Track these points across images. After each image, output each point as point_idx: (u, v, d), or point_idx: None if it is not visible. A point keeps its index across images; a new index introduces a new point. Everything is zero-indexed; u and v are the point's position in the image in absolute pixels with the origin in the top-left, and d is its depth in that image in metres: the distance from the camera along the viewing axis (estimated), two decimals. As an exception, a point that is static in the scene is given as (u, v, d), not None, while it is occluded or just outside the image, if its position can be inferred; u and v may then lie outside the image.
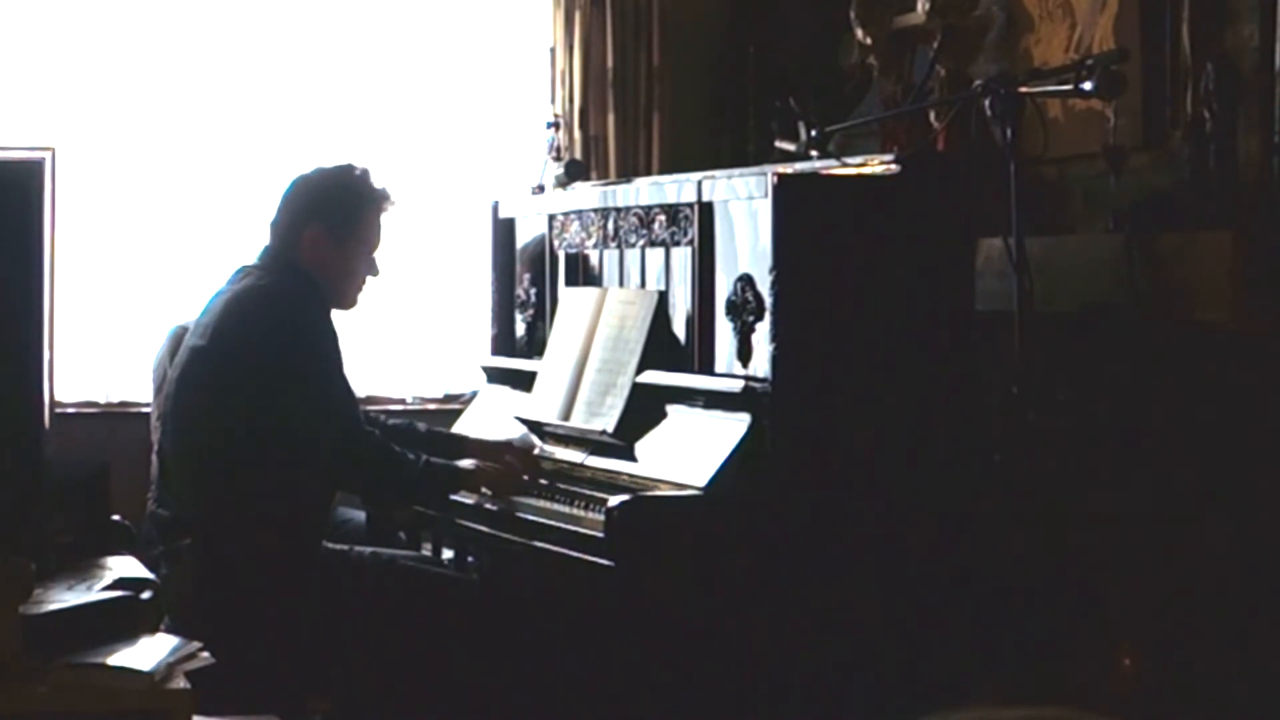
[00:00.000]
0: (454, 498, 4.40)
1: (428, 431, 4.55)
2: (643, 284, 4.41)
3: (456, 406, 5.42)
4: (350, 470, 4.21)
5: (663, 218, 4.31)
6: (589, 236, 4.65)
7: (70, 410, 5.47)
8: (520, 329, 5.05)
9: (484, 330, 5.21)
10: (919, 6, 4.39)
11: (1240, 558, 3.77)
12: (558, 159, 5.41)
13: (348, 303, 4.30)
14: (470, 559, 4.69)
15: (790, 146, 4.38)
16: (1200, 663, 3.78)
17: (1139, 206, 4.08)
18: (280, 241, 4.25)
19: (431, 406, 5.77)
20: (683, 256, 4.24)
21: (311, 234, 4.21)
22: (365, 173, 4.29)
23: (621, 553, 3.79)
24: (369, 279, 4.31)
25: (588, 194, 4.78)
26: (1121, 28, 4.28)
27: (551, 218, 4.85)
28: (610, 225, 4.54)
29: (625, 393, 4.21)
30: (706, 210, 4.16)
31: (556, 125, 5.66)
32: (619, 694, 4.06)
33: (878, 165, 4.01)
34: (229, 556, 4.03)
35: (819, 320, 3.90)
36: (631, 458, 4.14)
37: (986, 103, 3.77)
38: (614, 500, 3.84)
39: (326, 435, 4.11)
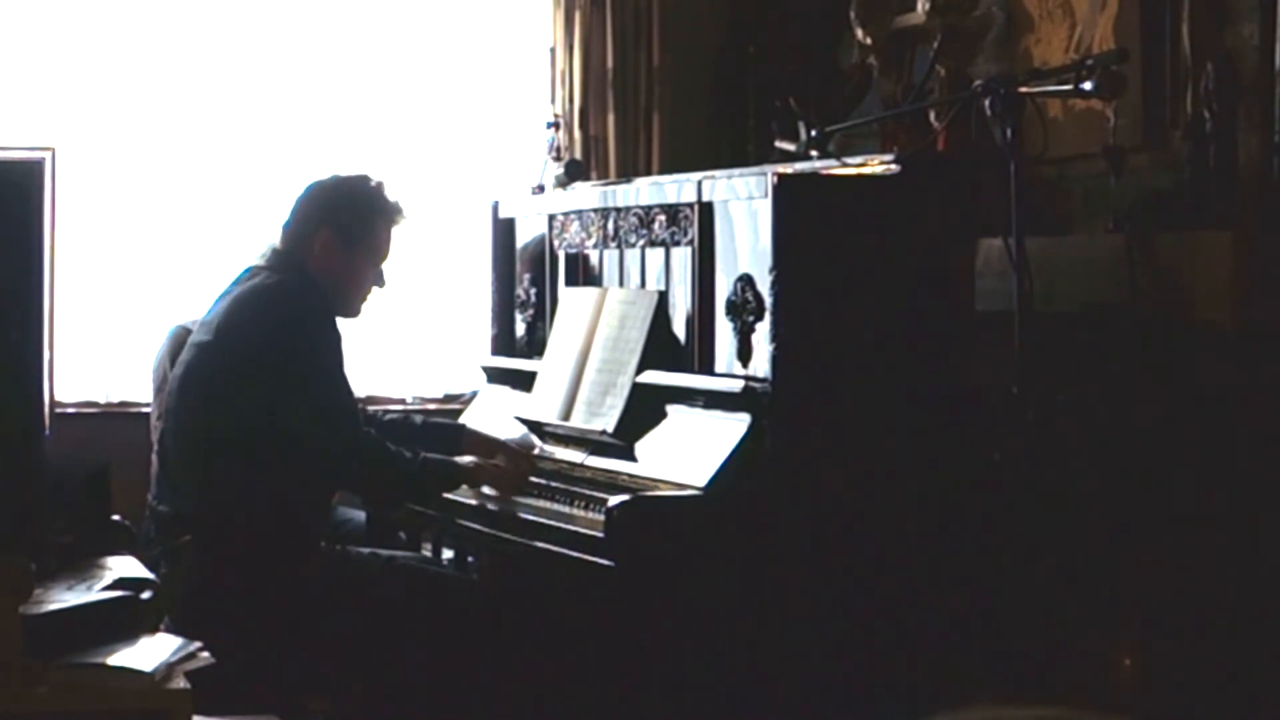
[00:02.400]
0: (454, 498, 4.40)
1: (424, 423, 4.56)
2: (643, 284, 4.41)
3: (456, 406, 5.43)
4: (348, 469, 4.21)
5: (663, 218, 4.31)
6: (589, 236, 4.65)
7: (70, 410, 5.48)
8: (520, 329, 5.06)
9: (484, 330, 5.21)
10: (919, 6, 4.39)
11: (1240, 557, 3.77)
12: (558, 159, 5.41)
13: (352, 311, 4.32)
14: (470, 559, 4.69)
15: (790, 146, 4.38)
16: (1200, 663, 3.78)
17: (1139, 206, 4.08)
18: (290, 243, 4.28)
19: (431, 406, 5.77)
20: (683, 256, 4.24)
21: (322, 238, 4.25)
22: (381, 184, 4.34)
23: (621, 553, 3.79)
24: (376, 290, 4.33)
25: (588, 194, 4.78)
26: (1121, 28, 4.28)
27: (551, 218, 4.85)
28: (610, 225, 4.54)
29: (625, 393, 4.21)
30: (706, 210, 4.16)
31: (556, 125, 5.66)
32: (619, 694, 4.06)
33: (878, 165, 4.01)
34: (228, 554, 4.04)
35: (819, 320, 3.90)
36: (631, 458, 4.14)
37: (986, 103, 3.77)
38: (614, 500, 3.84)
39: (325, 434, 4.11)
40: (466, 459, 4.35)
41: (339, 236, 4.25)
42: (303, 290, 4.19)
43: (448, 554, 4.74)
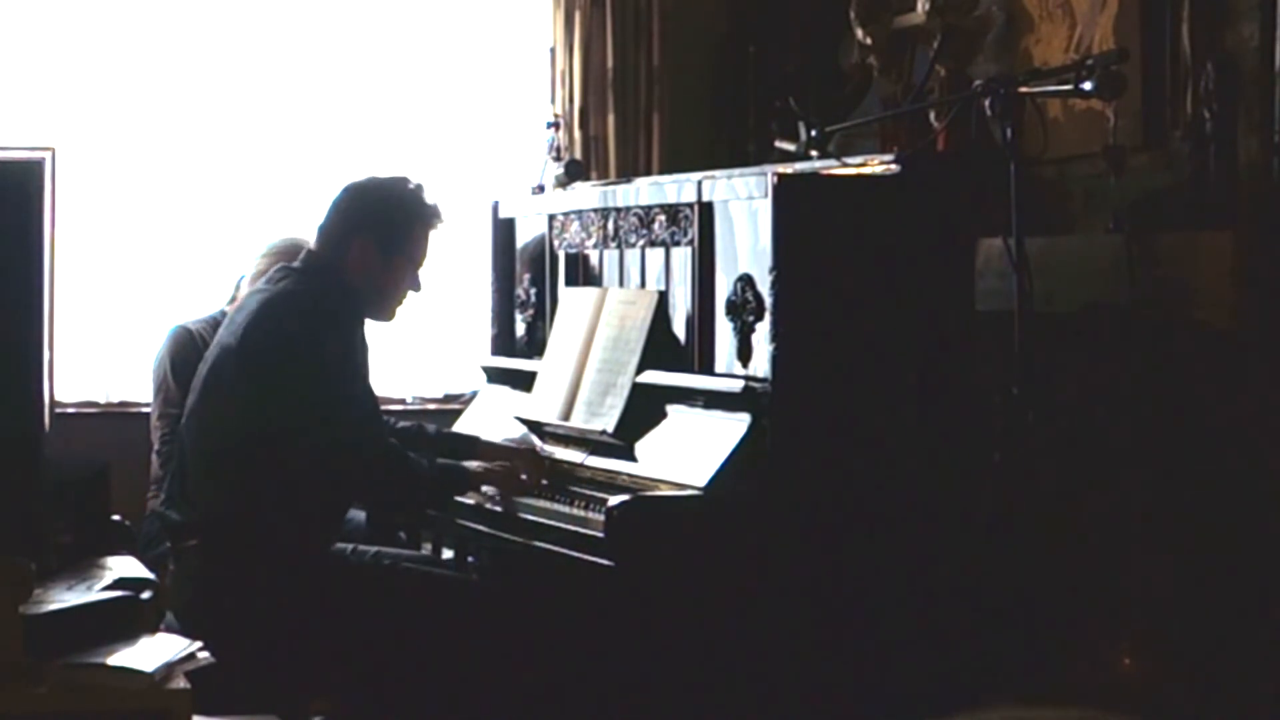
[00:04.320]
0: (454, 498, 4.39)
1: (437, 433, 4.53)
2: (643, 284, 4.41)
3: (456, 406, 5.43)
4: (369, 481, 4.16)
5: (663, 218, 4.31)
6: (589, 236, 4.65)
7: (70, 410, 5.48)
8: (520, 329, 5.06)
9: (484, 330, 5.21)
10: (919, 6, 4.39)
11: (1240, 557, 3.77)
12: (558, 159, 5.41)
13: (386, 315, 4.26)
14: (470, 559, 4.69)
15: (790, 146, 4.38)
16: (1200, 663, 3.78)
17: (1139, 206, 4.08)
18: (326, 247, 4.20)
19: (431, 406, 5.77)
20: (683, 256, 4.24)
21: (360, 245, 4.16)
22: (419, 187, 4.26)
23: (621, 553, 3.79)
24: (411, 294, 4.29)
25: (588, 194, 4.78)
26: (1121, 28, 4.28)
27: (551, 218, 4.85)
28: (610, 225, 4.54)
29: (625, 393, 4.21)
30: (706, 210, 4.16)
31: (556, 125, 5.65)
32: (619, 694, 4.06)
33: (878, 165, 4.01)
34: (236, 557, 4.02)
35: (819, 320, 3.90)
36: (631, 458, 4.14)
37: (986, 103, 3.77)
38: (614, 500, 3.84)
39: (344, 448, 4.05)
40: (476, 464, 4.33)
41: (378, 243, 4.17)
42: (331, 298, 4.12)
43: (448, 554, 4.74)
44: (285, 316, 4.08)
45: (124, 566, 3.63)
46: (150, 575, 3.59)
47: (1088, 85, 3.68)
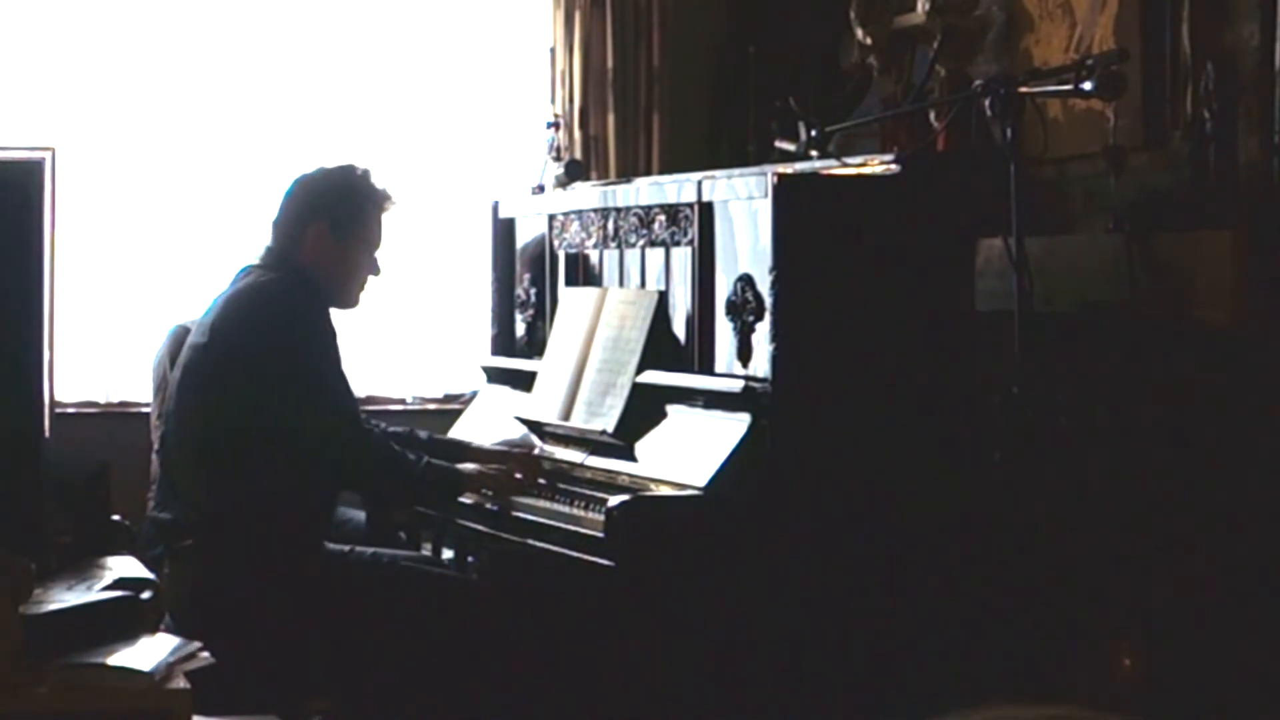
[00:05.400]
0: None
1: (429, 439, 4.55)
2: (643, 284, 4.41)
3: (456, 406, 5.42)
4: (349, 468, 4.21)
5: (663, 218, 4.32)
6: (589, 236, 4.65)
7: (70, 410, 5.47)
8: (520, 329, 5.06)
9: (484, 330, 5.21)
10: (919, 6, 4.39)
11: (1240, 557, 3.77)
12: (558, 159, 5.41)
13: (349, 302, 4.31)
14: (470, 559, 4.69)
15: (790, 146, 4.38)
16: (1200, 663, 3.78)
17: (1139, 206, 4.08)
18: (282, 240, 4.27)
19: (431, 406, 5.77)
20: (683, 256, 4.24)
21: (314, 232, 4.23)
22: (366, 172, 4.32)
23: (621, 553, 3.80)
24: (371, 278, 4.33)
25: (588, 194, 4.78)
26: (1121, 28, 4.28)
27: (551, 218, 4.85)
28: (610, 225, 4.54)
29: (625, 393, 4.21)
30: (706, 210, 4.16)
31: (556, 125, 5.66)
32: (619, 694, 4.06)
33: (878, 165, 4.01)
34: (231, 556, 4.03)
35: (819, 320, 3.91)
36: (631, 458, 4.14)
37: (986, 103, 3.77)
38: (614, 500, 3.84)
39: (323, 434, 4.10)
40: (469, 466, 4.35)
41: (331, 228, 4.23)
42: (294, 287, 4.18)
43: (448, 554, 4.74)
44: (249, 310, 4.14)
45: (124, 566, 3.63)
46: (150, 575, 3.60)
47: (1088, 85, 3.68)
